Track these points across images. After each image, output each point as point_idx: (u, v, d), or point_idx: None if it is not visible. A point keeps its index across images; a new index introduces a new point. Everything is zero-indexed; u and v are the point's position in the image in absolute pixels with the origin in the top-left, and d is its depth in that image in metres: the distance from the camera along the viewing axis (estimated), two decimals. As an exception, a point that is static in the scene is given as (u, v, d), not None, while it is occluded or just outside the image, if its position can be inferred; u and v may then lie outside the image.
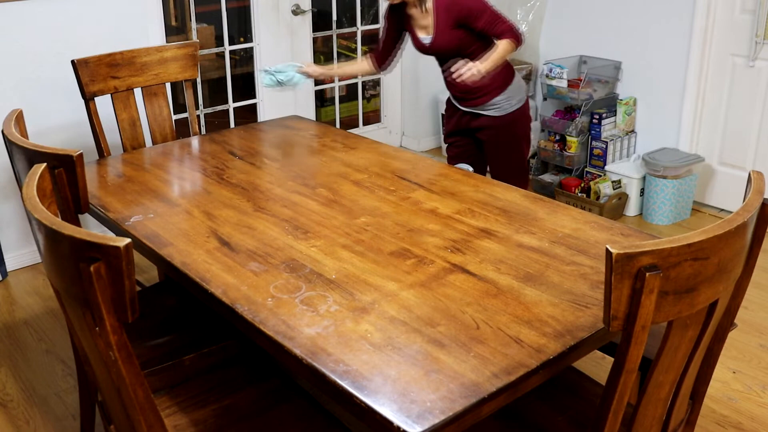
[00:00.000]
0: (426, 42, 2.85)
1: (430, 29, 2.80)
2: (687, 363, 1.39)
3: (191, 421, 1.70)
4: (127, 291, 1.21)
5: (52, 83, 3.29)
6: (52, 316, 3.04)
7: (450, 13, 2.72)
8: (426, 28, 2.82)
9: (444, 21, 2.74)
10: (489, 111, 2.93)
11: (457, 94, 2.99)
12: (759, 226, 1.41)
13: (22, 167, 1.92)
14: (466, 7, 2.71)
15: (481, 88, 2.86)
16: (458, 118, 3.04)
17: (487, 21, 2.71)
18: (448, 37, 2.78)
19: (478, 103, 2.93)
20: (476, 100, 2.93)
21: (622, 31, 4.07)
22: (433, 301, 1.60)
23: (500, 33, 2.73)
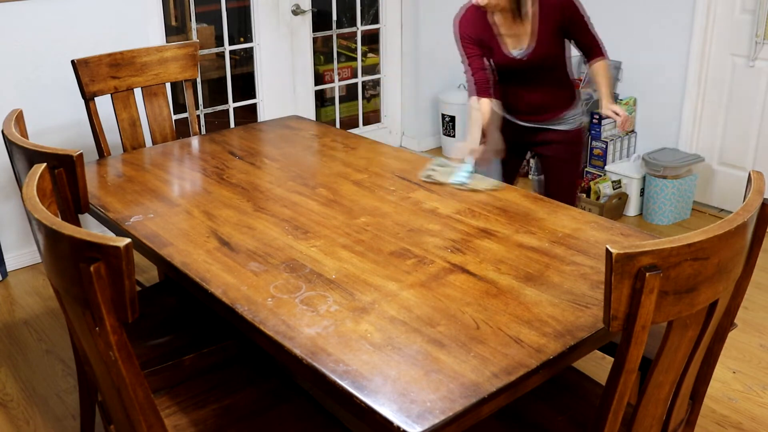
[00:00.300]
0: (518, 55, 2.53)
1: (525, 38, 2.49)
2: (687, 363, 1.39)
3: (191, 421, 1.70)
4: (127, 291, 1.21)
5: (52, 83, 3.30)
6: (52, 316, 3.04)
7: (555, 16, 2.45)
8: (518, 37, 2.50)
9: (546, 26, 2.46)
10: (560, 126, 2.66)
11: (522, 109, 2.68)
12: (759, 226, 1.41)
13: (22, 167, 1.92)
14: (572, 7, 2.44)
15: (555, 104, 2.64)
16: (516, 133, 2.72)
17: (585, 29, 2.49)
18: (548, 47, 2.49)
19: (548, 117, 2.65)
20: (546, 114, 2.65)
21: (622, 31, 4.07)
22: (433, 301, 1.60)
23: (595, 47, 2.51)
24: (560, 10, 2.43)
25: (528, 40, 2.48)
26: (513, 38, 2.50)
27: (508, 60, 2.54)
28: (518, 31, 2.48)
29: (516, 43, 2.51)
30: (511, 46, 2.51)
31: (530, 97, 2.61)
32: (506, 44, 2.52)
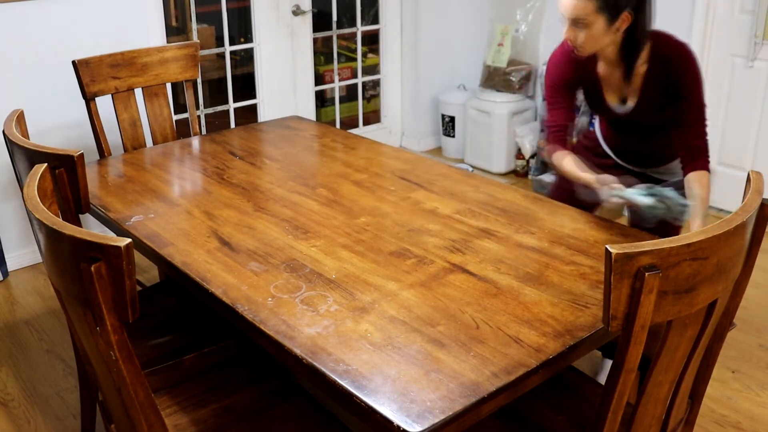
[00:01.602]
0: (619, 110, 2.21)
1: (629, 94, 2.16)
2: (686, 362, 1.39)
3: (191, 421, 1.70)
4: (128, 291, 1.22)
5: (52, 83, 3.30)
6: (53, 316, 3.04)
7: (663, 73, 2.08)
8: (621, 91, 2.17)
9: (653, 85, 2.11)
10: (664, 175, 2.39)
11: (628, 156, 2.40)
12: (758, 226, 1.41)
13: (23, 167, 1.92)
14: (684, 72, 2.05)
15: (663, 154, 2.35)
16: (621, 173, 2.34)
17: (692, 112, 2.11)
18: (653, 109, 2.16)
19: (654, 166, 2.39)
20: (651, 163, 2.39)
21: (622, 32, 4.07)
22: (433, 300, 1.60)
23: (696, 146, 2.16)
24: (672, 71, 2.04)
25: (631, 96, 2.15)
26: (615, 91, 2.18)
27: (607, 112, 2.25)
28: (621, 85, 2.15)
29: (617, 96, 2.18)
30: (612, 98, 2.20)
31: (635, 145, 2.31)
32: (608, 95, 2.19)
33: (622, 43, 2.05)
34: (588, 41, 2.02)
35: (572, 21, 2.00)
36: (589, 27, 1.99)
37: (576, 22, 2.00)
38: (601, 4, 1.95)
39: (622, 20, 1.99)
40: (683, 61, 2.05)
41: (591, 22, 1.98)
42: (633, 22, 2.00)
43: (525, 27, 4.46)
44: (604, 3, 1.95)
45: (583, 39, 2.02)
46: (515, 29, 4.51)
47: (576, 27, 2.01)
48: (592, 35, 2.01)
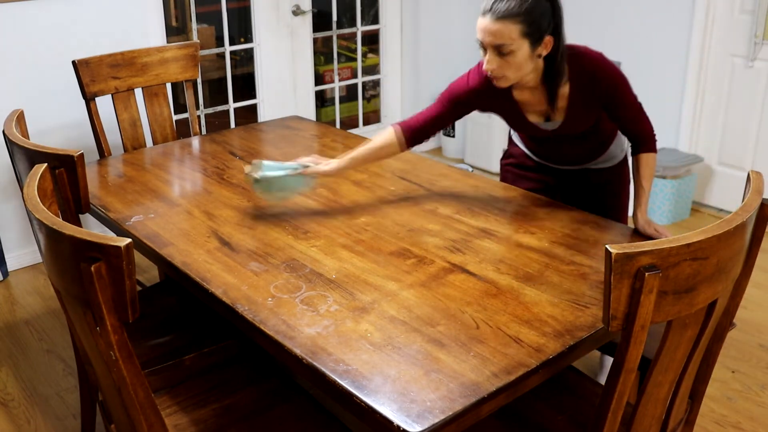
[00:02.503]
0: (548, 128, 2.09)
1: (556, 114, 2.04)
2: (686, 362, 1.39)
3: (191, 421, 1.70)
4: (128, 291, 1.22)
5: (52, 83, 3.30)
6: (53, 316, 3.04)
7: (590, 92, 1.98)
8: (543, 111, 2.06)
9: (579, 103, 2.00)
10: (602, 165, 2.27)
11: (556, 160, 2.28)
12: (758, 226, 1.41)
13: (23, 167, 1.92)
14: (612, 84, 1.95)
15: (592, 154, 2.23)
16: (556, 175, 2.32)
17: (630, 114, 2.01)
18: (582, 122, 2.05)
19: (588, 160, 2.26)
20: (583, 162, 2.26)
21: (622, 31, 4.07)
22: (433, 300, 1.60)
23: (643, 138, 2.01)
24: (597, 87, 1.96)
25: (556, 114, 2.04)
26: (538, 113, 2.06)
27: (531, 128, 2.13)
28: (545, 107, 2.03)
29: (540, 117, 2.07)
30: (536, 118, 2.08)
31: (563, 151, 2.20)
32: (529, 115, 2.07)
33: (544, 68, 1.92)
34: (512, 70, 1.86)
35: (494, 48, 1.83)
36: (514, 54, 1.82)
37: (499, 50, 1.82)
38: (526, 29, 1.80)
39: (544, 45, 1.86)
40: (606, 72, 1.95)
41: (515, 49, 1.82)
42: (554, 46, 1.88)
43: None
44: (528, 27, 1.80)
45: (506, 68, 1.85)
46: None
47: (499, 55, 1.84)
48: (517, 63, 1.84)
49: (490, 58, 1.86)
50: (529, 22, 1.80)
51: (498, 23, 1.80)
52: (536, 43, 1.84)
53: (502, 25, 1.79)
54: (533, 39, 1.83)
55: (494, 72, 1.88)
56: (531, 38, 1.82)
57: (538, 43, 1.84)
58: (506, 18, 1.79)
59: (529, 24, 1.80)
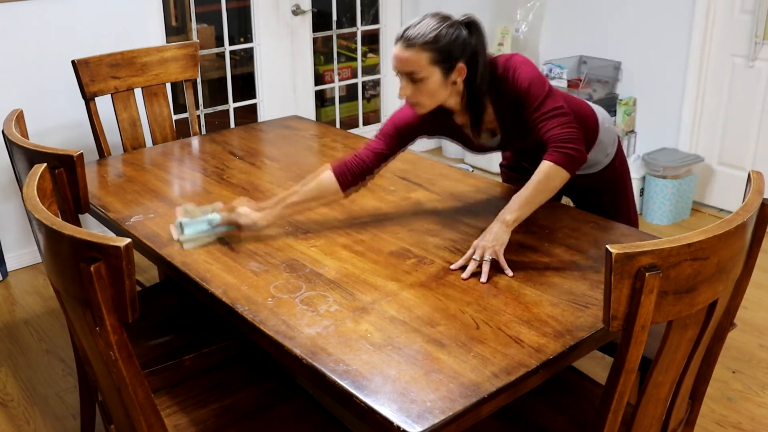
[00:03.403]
0: (493, 144, 2.07)
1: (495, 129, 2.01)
2: (686, 363, 1.39)
3: (191, 421, 1.70)
4: (128, 291, 1.21)
5: (52, 83, 3.30)
6: (53, 316, 3.04)
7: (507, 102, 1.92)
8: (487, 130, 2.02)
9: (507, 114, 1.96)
10: (586, 170, 2.20)
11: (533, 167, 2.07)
12: (758, 226, 1.41)
13: (23, 167, 1.92)
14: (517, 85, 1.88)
15: None
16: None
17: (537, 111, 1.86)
18: (522, 130, 1.98)
19: None
20: None
21: (622, 32, 4.07)
22: (433, 301, 1.60)
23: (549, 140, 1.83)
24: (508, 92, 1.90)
25: (496, 130, 2.01)
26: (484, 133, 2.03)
27: (483, 148, 2.11)
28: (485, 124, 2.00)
29: (485, 134, 2.04)
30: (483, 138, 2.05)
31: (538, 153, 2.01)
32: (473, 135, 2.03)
33: (464, 94, 1.89)
34: (425, 96, 1.85)
35: (407, 76, 1.83)
36: (425, 81, 1.81)
37: (411, 77, 1.82)
38: (435, 57, 1.79)
39: (457, 72, 1.83)
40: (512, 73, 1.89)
41: (426, 76, 1.81)
42: (470, 73, 1.84)
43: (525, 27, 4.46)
44: (437, 55, 1.79)
45: (419, 95, 1.85)
46: (515, 29, 4.51)
47: (411, 82, 1.83)
48: (429, 90, 1.83)
49: (403, 84, 1.85)
50: (439, 50, 1.78)
51: (408, 51, 1.79)
52: (448, 70, 1.82)
53: (412, 53, 1.79)
54: (444, 66, 1.81)
55: (409, 99, 1.87)
56: (441, 66, 1.80)
57: (450, 71, 1.82)
58: (415, 46, 1.78)
59: (438, 52, 1.78)
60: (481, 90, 1.88)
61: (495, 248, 1.73)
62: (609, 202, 2.26)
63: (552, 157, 1.81)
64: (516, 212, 1.78)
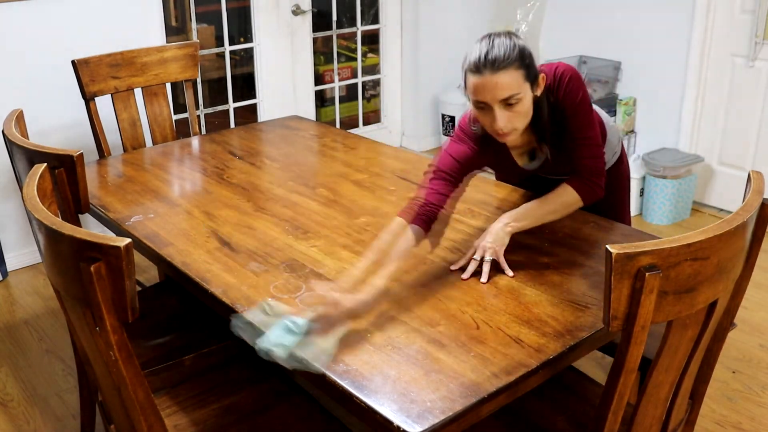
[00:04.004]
0: (534, 167, 2.00)
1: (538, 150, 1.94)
2: (687, 363, 1.39)
3: (191, 421, 1.70)
4: (128, 291, 1.21)
5: (52, 83, 3.30)
6: (53, 316, 3.04)
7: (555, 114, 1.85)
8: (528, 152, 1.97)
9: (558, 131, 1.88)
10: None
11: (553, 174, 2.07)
12: (758, 226, 1.41)
13: (23, 167, 1.92)
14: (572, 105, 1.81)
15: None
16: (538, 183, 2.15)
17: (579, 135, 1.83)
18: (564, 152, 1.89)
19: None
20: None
21: (622, 32, 4.07)
22: (433, 301, 1.60)
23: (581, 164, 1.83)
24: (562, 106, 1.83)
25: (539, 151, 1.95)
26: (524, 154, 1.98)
27: (519, 173, 2.04)
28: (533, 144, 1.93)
29: (526, 156, 1.98)
30: (522, 161, 1.99)
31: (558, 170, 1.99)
32: (518, 159, 1.98)
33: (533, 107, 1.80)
34: (520, 119, 1.73)
35: (502, 102, 1.69)
36: (521, 102, 1.70)
37: (506, 102, 1.69)
38: (526, 73, 1.70)
39: (539, 84, 1.75)
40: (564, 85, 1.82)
41: (522, 96, 1.70)
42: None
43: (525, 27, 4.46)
44: (527, 70, 1.70)
45: (515, 119, 1.72)
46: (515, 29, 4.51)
47: (506, 108, 1.70)
48: (524, 110, 1.72)
49: (498, 114, 1.69)
50: (526, 64, 1.69)
51: (500, 74, 1.66)
52: (534, 84, 1.73)
53: (506, 75, 1.66)
54: (531, 80, 1.72)
55: (505, 127, 1.72)
56: (530, 80, 1.71)
57: (535, 84, 1.74)
58: (507, 67, 1.66)
59: (526, 67, 1.69)
60: (544, 102, 1.81)
61: (495, 248, 1.72)
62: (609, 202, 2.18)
63: (579, 187, 1.81)
64: (521, 221, 1.78)
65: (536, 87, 1.75)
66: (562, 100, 1.82)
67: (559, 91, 1.82)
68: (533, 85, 1.73)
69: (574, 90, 1.81)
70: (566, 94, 1.81)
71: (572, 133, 1.84)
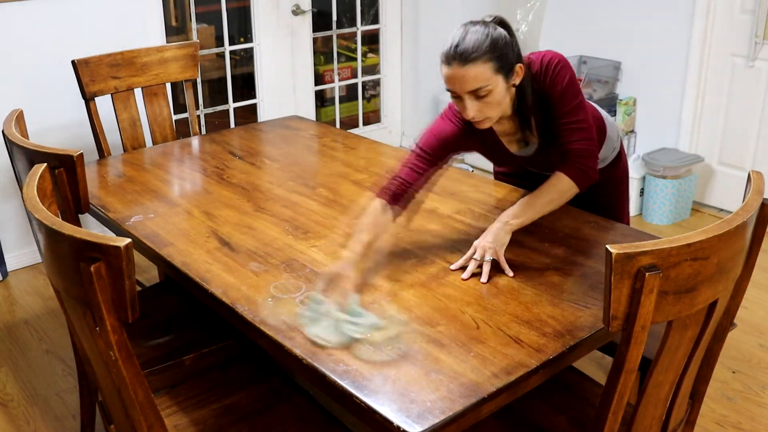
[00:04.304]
0: (527, 153, 2.01)
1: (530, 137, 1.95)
2: (686, 363, 1.39)
3: (191, 421, 1.70)
4: (128, 291, 1.21)
5: (52, 83, 3.30)
6: (53, 316, 3.04)
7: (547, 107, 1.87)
8: (520, 138, 1.97)
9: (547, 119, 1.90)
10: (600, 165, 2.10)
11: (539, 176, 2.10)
12: (758, 226, 1.41)
13: (23, 167, 1.92)
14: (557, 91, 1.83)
15: None
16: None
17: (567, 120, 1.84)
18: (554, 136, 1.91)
19: None
20: None
21: (622, 32, 4.07)
22: (433, 301, 1.60)
23: (570, 149, 1.84)
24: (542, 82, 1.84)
25: (531, 138, 1.95)
26: (515, 140, 1.99)
27: (512, 159, 2.05)
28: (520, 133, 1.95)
29: (518, 143, 1.99)
30: (513, 147, 2.00)
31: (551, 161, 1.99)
32: (509, 146, 1.99)
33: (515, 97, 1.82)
34: (492, 109, 1.75)
35: (471, 94, 1.72)
36: (492, 93, 1.72)
37: (476, 94, 1.72)
38: (496, 65, 1.71)
39: (516, 74, 1.77)
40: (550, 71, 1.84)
41: (492, 88, 1.72)
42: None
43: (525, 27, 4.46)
44: (497, 63, 1.71)
45: (487, 109, 1.75)
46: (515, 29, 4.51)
47: (477, 99, 1.73)
48: (496, 101, 1.74)
49: (468, 104, 1.73)
50: (498, 57, 1.70)
51: (469, 67, 1.68)
52: (509, 75, 1.75)
53: (474, 68, 1.68)
54: (505, 72, 1.73)
55: (476, 117, 1.76)
56: (503, 72, 1.73)
57: (510, 75, 1.75)
58: (475, 60, 1.68)
59: (498, 59, 1.70)
60: (528, 89, 1.82)
61: (495, 249, 1.72)
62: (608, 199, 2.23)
63: (570, 172, 1.82)
64: (521, 217, 1.78)
65: (513, 76, 1.76)
66: (548, 87, 1.83)
67: (545, 78, 1.83)
68: (508, 74, 1.74)
69: (560, 75, 1.83)
70: (552, 80, 1.82)
71: (559, 118, 1.84)
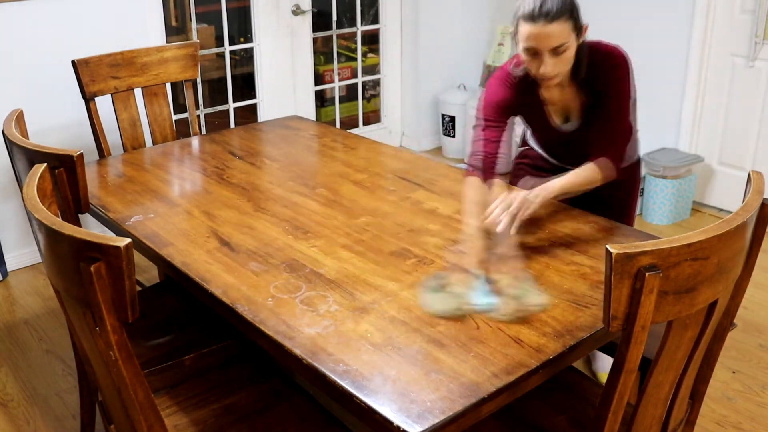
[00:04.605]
0: (567, 129, 2.09)
1: (574, 111, 2.06)
2: (686, 363, 1.39)
3: (191, 421, 1.70)
4: (128, 291, 1.21)
5: (52, 83, 3.30)
6: (53, 316, 3.04)
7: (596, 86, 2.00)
8: (564, 110, 2.07)
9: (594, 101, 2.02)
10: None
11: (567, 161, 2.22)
12: (758, 226, 1.41)
13: (23, 167, 1.92)
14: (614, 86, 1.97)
15: None
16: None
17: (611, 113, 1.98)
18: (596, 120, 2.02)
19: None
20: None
21: (623, 31, 4.06)
22: (433, 301, 1.60)
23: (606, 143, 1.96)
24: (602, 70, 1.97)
25: (574, 114, 2.06)
26: (560, 111, 2.08)
27: (552, 131, 2.14)
28: (568, 103, 2.05)
29: (561, 116, 2.09)
30: (556, 118, 2.09)
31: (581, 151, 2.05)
32: (552, 116, 2.08)
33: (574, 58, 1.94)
34: (564, 65, 1.89)
35: (552, 51, 1.85)
36: (569, 49, 1.87)
37: (557, 50, 1.85)
38: (573, 24, 1.86)
39: (583, 33, 1.92)
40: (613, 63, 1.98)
41: (570, 45, 1.87)
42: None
43: (525, 27, 4.45)
44: (575, 21, 1.86)
45: (560, 65, 1.88)
46: (515, 29, 4.51)
47: (555, 55, 1.86)
48: (569, 57, 1.89)
49: (547, 61, 1.86)
50: (575, 17, 1.86)
51: (553, 25, 1.82)
52: (579, 33, 1.90)
53: (558, 26, 1.82)
54: (578, 30, 1.88)
55: (551, 72, 1.88)
56: (576, 31, 1.88)
57: (579, 33, 1.90)
58: (559, 18, 1.82)
59: (575, 18, 1.86)
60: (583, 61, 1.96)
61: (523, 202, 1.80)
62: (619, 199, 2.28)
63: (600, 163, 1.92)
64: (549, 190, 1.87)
65: (581, 35, 1.91)
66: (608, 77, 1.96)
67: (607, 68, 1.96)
68: (578, 34, 1.89)
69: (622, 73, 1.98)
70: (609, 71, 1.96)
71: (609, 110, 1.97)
